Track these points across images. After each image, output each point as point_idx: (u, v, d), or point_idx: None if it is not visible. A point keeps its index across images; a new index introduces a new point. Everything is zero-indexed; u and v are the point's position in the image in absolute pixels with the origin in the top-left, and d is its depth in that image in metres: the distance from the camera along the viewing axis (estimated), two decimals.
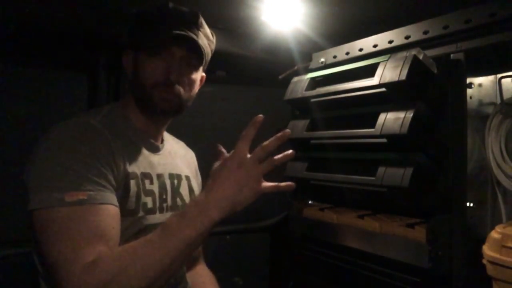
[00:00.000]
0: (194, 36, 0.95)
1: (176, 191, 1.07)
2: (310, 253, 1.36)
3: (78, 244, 0.75)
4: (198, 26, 0.99)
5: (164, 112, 1.00)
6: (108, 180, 0.84)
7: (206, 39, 1.02)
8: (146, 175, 0.98)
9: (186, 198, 1.10)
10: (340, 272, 1.25)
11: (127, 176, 0.91)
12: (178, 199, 1.07)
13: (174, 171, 1.09)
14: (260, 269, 1.88)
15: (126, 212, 0.89)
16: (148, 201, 0.96)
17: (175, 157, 1.14)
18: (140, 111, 1.01)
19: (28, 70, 1.45)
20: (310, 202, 1.50)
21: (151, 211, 0.96)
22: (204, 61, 1.01)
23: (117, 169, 0.88)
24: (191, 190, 1.14)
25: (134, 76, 0.98)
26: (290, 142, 1.44)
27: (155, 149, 1.05)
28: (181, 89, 0.98)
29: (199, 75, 1.05)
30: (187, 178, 1.15)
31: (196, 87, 1.05)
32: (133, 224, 0.91)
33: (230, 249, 1.79)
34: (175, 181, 1.08)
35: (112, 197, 0.83)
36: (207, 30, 1.04)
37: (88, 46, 1.46)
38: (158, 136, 1.08)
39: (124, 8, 1.28)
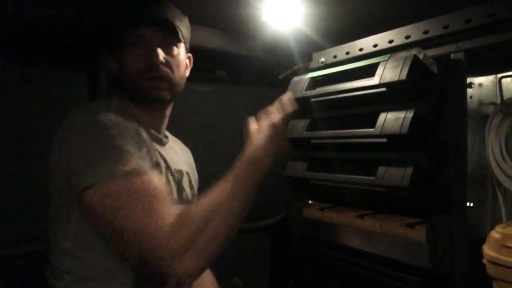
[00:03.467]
0: (160, 14, 0.96)
1: (180, 185, 1.09)
2: (310, 253, 1.36)
3: (158, 205, 0.77)
4: (162, 5, 0.99)
5: (156, 99, 0.99)
6: (148, 153, 0.87)
7: (175, 15, 1.01)
8: (157, 164, 0.98)
9: (189, 193, 1.11)
10: (340, 272, 1.25)
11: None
12: (184, 193, 1.09)
13: (176, 167, 1.10)
14: (260, 269, 1.88)
15: None
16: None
17: (176, 152, 1.16)
18: (136, 105, 1.01)
19: (27, 70, 1.45)
20: (310, 201, 1.50)
21: None
22: (182, 38, 1.00)
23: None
24: (191, 186, 1.15)
25: (120, 74, 0.99)
26: (291, 142, 1.44)
27: (160, 142, 1.06)
28: (168, 71, 0.98)
29: (182, 54, 1.03)
30: (187, 174, 1.16)
31: (183, 68, 1.04)
32: None
33: (230, 249, 1.79)
34: (178, 176, 1.09)
35: (153, 168, 0.87)
36: (174, 7, 1.03)
37: (88, 45, 1.46)
38: (160, 130, 1.08)
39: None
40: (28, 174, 1.25)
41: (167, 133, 1.18)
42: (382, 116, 1.09)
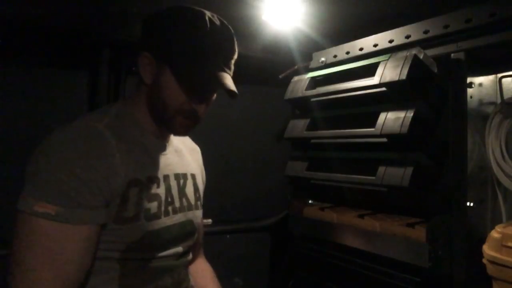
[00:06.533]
0: (232, 86, 0.93)
1: (182, 191, 1.06)
2: (310, 253, 1.36)
3: (31, 272, 0.77)
4: (233, 58, 0.97)
5: (183, 135, 1.02)
6: (92, 195, 0.83)
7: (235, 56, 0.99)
8: (152, 179, 0.95)
9: (191, 198, 1.08)
10: (340, 271, 1.25)
11: (129, 184, 0.89)
12: (184, 200, 1.05)
13: (180, 171, 1.07)
14: (260, 269, 1.88)
15: (124, 219, 0.88)
16: (152, 206, 0.93)
17: (181, 154, 1.12)
18: (153, 119, 0.99)
19: (28, 69, 1.45)
20: (310, 201, 1.50)
21: (155, 216, 0.93)
22: None
23: (114, 180, 0.86)
24: (196, 189, 1.12)
25: (154, 89, 0.94)
26: (291, 142, 1.44)
27: (162, 149, 1.03)
28: (202, 117, 0.99)
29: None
30: (193, 176, 1.13)
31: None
32: (133, 231, 0.89)
33: (230, 248, 1.79)
34: (181, 181, 1.07)
35: (86, 216, 0.82)
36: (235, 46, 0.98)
37: (89, 44, 1.46)
38: (165, 135, 1.06)
39: (124, 6, 1.29)
40: None
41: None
42: (382, 116, 1.09)
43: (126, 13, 1.33)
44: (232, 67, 0.97)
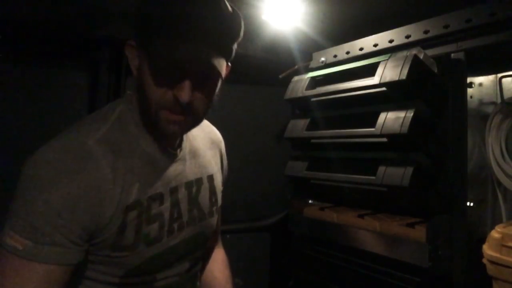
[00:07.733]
0: (209, 57, 0.76)
1: (194, 201, 0.96)
2: (310, 252, 1.36)
3: None
4: (217, 28, 0.78)
5: (175, 135, 0.87)
6: (70, 232, 0.73)
7: (228, 38, 0.83)
8: (155, 197, 0.85)
9: (205, 205, 0.99)
10: (340, 271, 1.25)
11: (127, 209, 0.80)
12: (195, 210, 0.95)
13: (193, 177, 0.96)
14: (260, 269, 1.88)
15: (122, 247, 0.80)
16: (152, 229, 0.84)
17: (197, 155, 0.99)
18: (142, 121, 0.85)
19: (28, 68, 1.45)
20: (310, 201, 1.50)
21: (156, 240, 0.85)
22: (223, 73, 0.82)
23: (105, 210, 0.77)
24: (212, 192, 1.02)
25: (138, 83, 0.81)
26: (291, 142, 1.44)
27: (171, 157, 0.90)
28: (192, 113, 0.81)
29: (217, 82, 0.84)
30: (210, 178, 1.02)
31: (214, 95, 0.85)
32: (132, 258, 0.82)
33: (230, 248, 1.79)
34: (194, 189, 0.96)
35: (59, 255, 0.73)
36: (227, 18, 0.81)
37: (89, 44, 1.46)
38: (174, 142, 0.92)
39: (124, 6, 1.29)
40: None
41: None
42: (382, 116, 1.09)
43: (126, 13, 1.33)
44: (224, 45, 0.80)
